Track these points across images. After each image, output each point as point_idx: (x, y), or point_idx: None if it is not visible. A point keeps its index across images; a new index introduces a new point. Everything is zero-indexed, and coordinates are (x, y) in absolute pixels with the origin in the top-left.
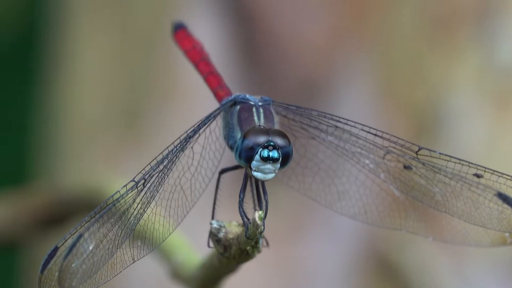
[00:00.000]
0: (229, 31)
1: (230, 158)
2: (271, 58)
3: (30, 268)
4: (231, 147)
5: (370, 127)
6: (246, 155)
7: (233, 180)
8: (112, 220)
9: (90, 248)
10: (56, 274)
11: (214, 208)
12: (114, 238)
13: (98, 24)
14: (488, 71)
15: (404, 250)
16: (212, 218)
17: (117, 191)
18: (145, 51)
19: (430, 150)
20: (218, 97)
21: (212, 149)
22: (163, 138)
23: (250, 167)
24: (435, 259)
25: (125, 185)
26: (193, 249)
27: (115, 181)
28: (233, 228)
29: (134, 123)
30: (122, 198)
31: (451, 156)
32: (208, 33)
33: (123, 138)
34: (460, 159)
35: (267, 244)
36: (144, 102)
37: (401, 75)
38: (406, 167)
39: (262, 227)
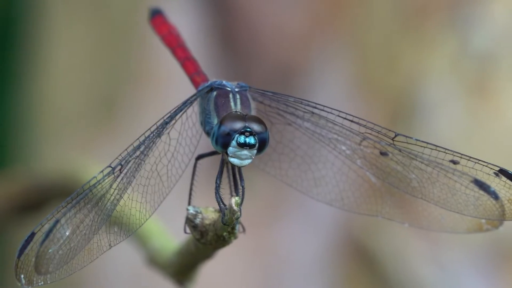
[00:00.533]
0: (205, 18)
1: (206, 144)
2: (248, 45)
3: (5, 254)
4: (208, 133)
5: (346, 113)
6: (223, 141)
7: (210, 166)
8: (89, 205)
9: (67, 233)
10: (33, 259)
11: (190, 194)
12: (91, 224)
13: (73, 12)
14: (463, 58)
15: (380, 236)
16: (189, 204)
17: (94, 177)
18: (121, 39)
19: (406, 136)
20: (195, 83)
21: (188, 135)
22: (138, 124)
23: (226, 153)
24: (411, 245)
25: (102, 171)
26: (169, 235)
27: (90, 166)
28: (209, 214)
29: (110, 109)
30: (98, 184)
31: (427, 143)
32: (185, 20)
33: (99, 125)
34: (436, 145)
35: (244, 230)
36: (119, 89)
37: (376, 62)
38: (383, 154)
39: (239, 213)
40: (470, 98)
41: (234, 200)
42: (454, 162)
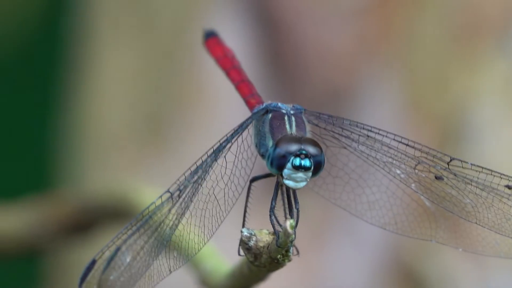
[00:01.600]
0: (253, 40)
1: (260, 166)
2: (295, 66)
3: (53, 276)
4: (263, 155)
5: (402, 137)
6: (278, 163)
7: (264, 188)
8: (149, 231)
9: (128, 260)
10: (95, 287)
11: (244, 216)
12: (151, 250)
13: (123, 30)
14: (511, 82)
15: (428, 260)
16: (243, 226)
17: (153, 203)
18: (170, 58)
19: (462, 161)
20: (250, 105)
21: (244, 158)
22: (186, 146)
23: (281, 175)
24: (459, 270)
25: (161, 196)
26: (222, 257)
27: (140, 189)
28: (263, 236)
29: (158, 130)
30: (158, 210)
31: (482, 167)
32: (233, 41)
33: (146, 146)
34: (492, 170)
35: (298, 252)
36: (167, 110)
37: (426, 84)
38: (438, 178)
39: (293, 236)
40: None
41: (289, 222)
42: (509, 187)
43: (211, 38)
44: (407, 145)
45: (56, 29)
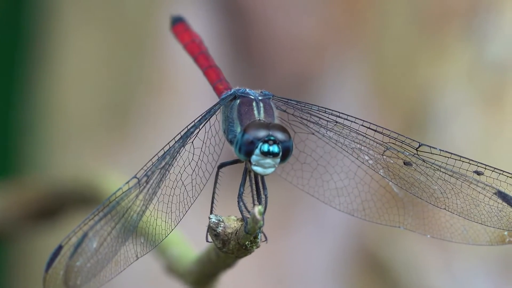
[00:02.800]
0: (220, 26)
1: (228, 153)
2: (262, 52)
3: (19, 261)
4: (231, 141)
5: (370, 123)
6: (246, 149)
7: (231, 174)
8: (116, 217)
9: (94, 246)
10: (61, 273)
11: (212, 202)
12: (118, 236)
13: (86, 16)
14: (479, 68)
15: (393, 245)
16: (211, 212)
17: (120, 188)
18: (136, 44)
19: (430, 146)
20: (218, 91)
21: (211, 144)
22: (153, 132)
23: (250, 161)
24: (423, 255)
25: (127, 182)
26: (189, 243)
27: (106, 174)
28: (231, 222)
29: (124, 116)
30: (125, 196)
31: (451, 153)
32: (199, 27)
33: (112, 132)
34: (461, 156)
35: (266, 239)
36: (133, 96)
37: (392, 71)
38: (406, 164)
39: (262, 222)
40: (486, 107)
41: (257, 209)
42: (478, 173)
43: (178, 24)
44: (375, 131)
45: (19, 12)
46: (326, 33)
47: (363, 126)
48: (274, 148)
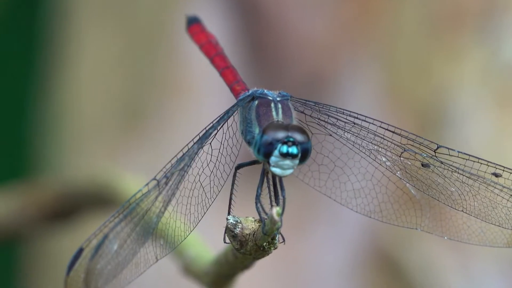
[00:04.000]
0: (235, 26)
1: (245, 154)
2: (275, 53)
3: (35, 262)
4: (249, 143)
5: (388, 124)
6: (265, 151)
7: (249, 175)
8: (135, 219)
9: (115, 248)
10: (82, 275)
11: (230, 203)
12: (137, 238)
13: (101, 16)
14: (493, 70)
15: (409, 247)
16: (228, 213)
17: (139, 190)
18: (151, 45)
19: (448, 148)
20: (235, 92)
21: (229, 145)
22: (168, 133)
23: (268, 162)
24: (439, 257)
25: (147, 184)
26: (206, 244)
27: (122, 176)
28: (249, 224)
29: (139, 117)
30: (145, 197)
31: (469, 155)
32: (214, 27)
33: (128, 133)
34: (479, 158)
35: (283, 240)
36: (149, 97)
37: (405, 72)
38: (424, 165)
39: (280, 223)
40: (501, 108)
41: (275, 210)
42: (496, 175)
43: (194, 24)
44: (393, 132)
45: (33, 12)
46: (340, 33)
47: (381, 127)
48: (293, 150)
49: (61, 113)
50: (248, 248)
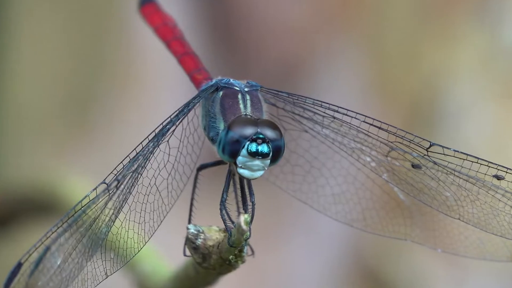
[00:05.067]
0: (197, 7)
1: (208, 153)
2: (246, 38)
3: None
4: (212, 140)
5: (373, 119)
6: (231, 150)
7: (213, 178)
8: (82, 229)
9: (58, 262)
10: None
11: (191, 210)
12: (84, 250)
13: (44, 2)
14: (493, 56)
15: (397, 261)
16: (189, 222)
17: (86, 195)
18: (98, 28)
19: (443, 147)
20: (196, 82)
21: (190, 143)
22: (118, 129)
23: (235, 163)
24: (432, 272)
25: (95, 188)
26: (163, 258)
27: (67, 178)
28: (213, 233)
29: (86, 111)
30: (93, 204)
31: (467, 154)
32: (172, 10)
33: (73, 129)
34: (478, 158)
35: (252, 252)
36: (97, 87)
37: (395, 60)
38: (415, 166)
39: (248, 233)
40: (504, 99)
41: (243, 218)
42: (498, 178)
43: (147, 4)
44: (379, 128)
45: None
46: (318, 15)
47: (365, 122)
48: (264, 148)
49: None
50: (211, 262)
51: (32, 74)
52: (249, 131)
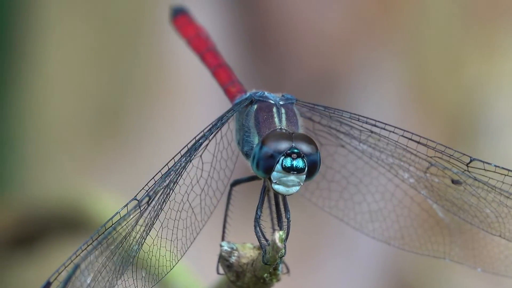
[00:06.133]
0: (229, 17)
1: (243, 168)
2: (281, 50)
3: None
4: (246, 155)
5: (412, 133)
6: (265, 165)
7: (247, 193)
8: (112, 247)
9: (88, 281)
10: None
11: (224, 227)
12: (115, 269)
13: (71, 6)
14: None
15: (436, 281)
16: (222, 239)
17: (117, 212)
18: (130, 39)
19: (483, 162)
20: (230, 95)
21: (223, 158)
22: (150, 143)
23: (269, 179)
24: None
25: (126, 205)
26: (196, 276)
27: (96, 195)
28: (247, 251)
29: (116, 125)
30: (123, 221)
31: (508, 170)
32: (204, 19)
33: (102, 143)
34: None
35: (288, 270)
36: (128, 101)
37: (435, 71)
38: (454, 182)
39: (283, 251)
40: None
41: (278, 235)
42: None
43: (180, 15)
44: (418, 142)
45: None
46: (355, 27)
47: (403, 137)
48: (299, 163)
49: (24, 121)
50: (245, 280)
51: (61, 87)
52: (283, 145)
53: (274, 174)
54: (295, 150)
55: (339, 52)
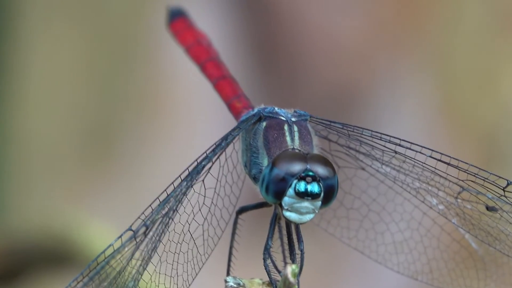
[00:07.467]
0: (237, 23)
1: (250, 193)
2: (292, 60)
3: None
4: (254, 178)
5: (441, 153)
6: (276, 189)
7: (255, 223)
8: (105, 283)
9: None
10: None
11: (229, 260)
12: None
13: (57, 12)
14: None
15: None
16: (227, 274)
17: (110, 245)
18: (122, 48)
19: None
20: (235, 111)
21: (228, 182)
22: (146, 167)
23: (281, 205)
24: None
25: (121, 236)
26: None
27: (85, 224)
28: (255, 287)
29: (107, 145)
30: (118, 254)
31: None
32: (207, 25)
33: (92, 166)
34: None
35: None
36: (120, 119)
37: (466, 84)
38: (489, 209)
39: (296, 287)
40: None
41: (291, 268)
42: None
43: (178, 19)
44: (448, 164)
45: None
46: (376, 35)
47: (432, 158)
48: (314, 188)
49: (5, 141)
50: None
51: (46, 103)
52: (297, 167)
53: (286, 200)
54: (310, 173)
55: (358, 63)
